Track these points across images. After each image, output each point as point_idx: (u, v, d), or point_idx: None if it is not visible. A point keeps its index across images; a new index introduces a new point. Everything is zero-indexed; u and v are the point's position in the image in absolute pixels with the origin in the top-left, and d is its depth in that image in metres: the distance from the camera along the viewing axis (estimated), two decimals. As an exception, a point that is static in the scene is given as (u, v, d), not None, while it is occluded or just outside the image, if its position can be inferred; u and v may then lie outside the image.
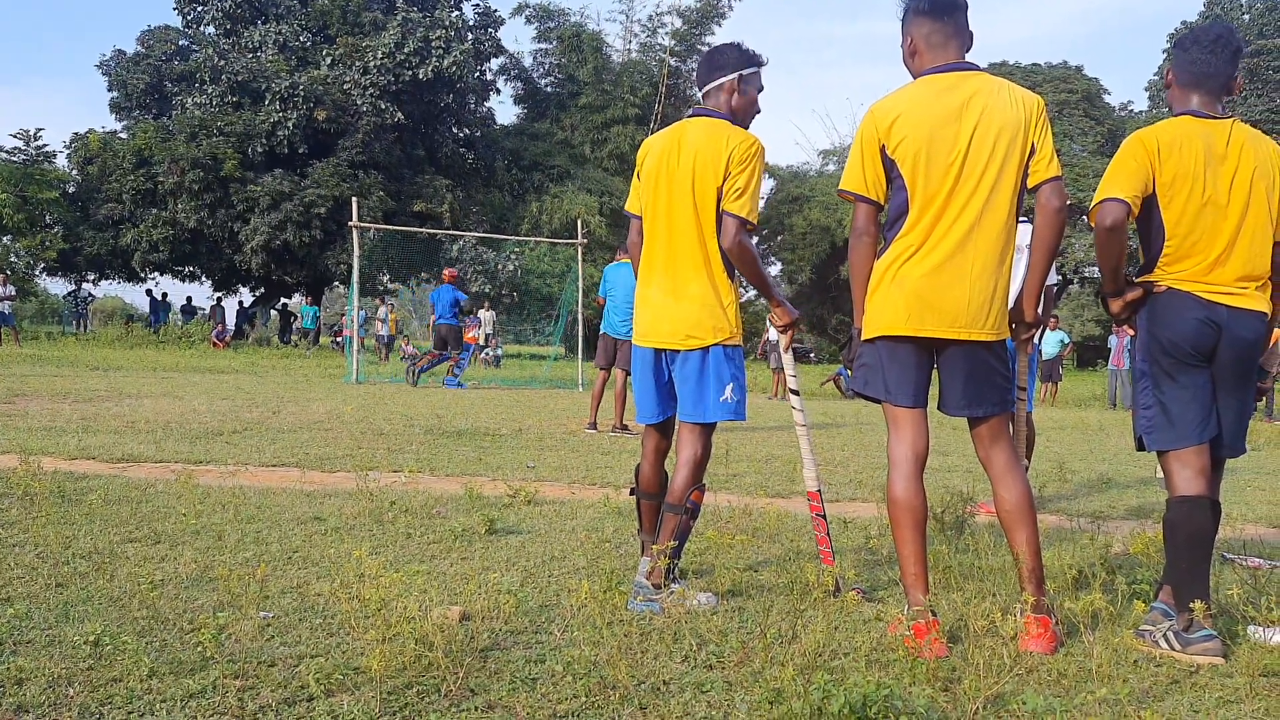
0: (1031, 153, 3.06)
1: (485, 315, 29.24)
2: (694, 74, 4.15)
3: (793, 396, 3.91)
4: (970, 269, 3.05)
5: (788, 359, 4.00)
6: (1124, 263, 3.22)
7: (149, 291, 34.60)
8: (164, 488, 5.26)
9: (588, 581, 3.03)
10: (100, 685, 2.45)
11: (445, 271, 17.02)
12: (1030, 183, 3.09)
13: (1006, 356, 3.21)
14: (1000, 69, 46.43)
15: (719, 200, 3.46)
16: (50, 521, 4.28)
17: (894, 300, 3.10)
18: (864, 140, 3.14)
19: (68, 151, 32.05)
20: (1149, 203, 3.16)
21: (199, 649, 2.67)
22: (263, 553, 3.97)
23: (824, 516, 3.77)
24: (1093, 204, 3.19)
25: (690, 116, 3.62)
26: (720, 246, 3.48)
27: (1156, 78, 42.68)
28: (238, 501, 4.90)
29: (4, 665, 2.56)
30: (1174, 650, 3.04)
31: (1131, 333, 3.35)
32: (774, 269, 42.44)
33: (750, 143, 3.47)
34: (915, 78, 3.19)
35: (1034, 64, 42.58)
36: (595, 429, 9.59)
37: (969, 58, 3.18)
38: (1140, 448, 3.30)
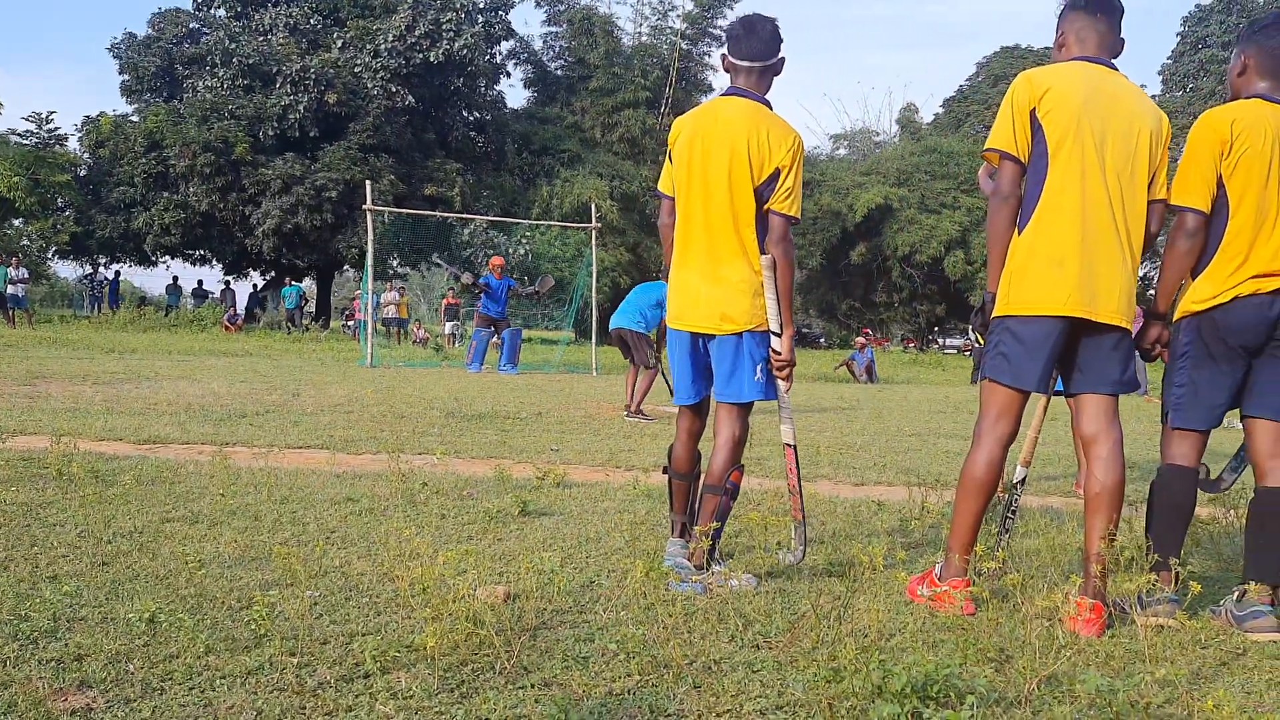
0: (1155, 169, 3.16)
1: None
2: (731, 42, 4.00)
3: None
4: (1119, 251, 3.09)
5: (786, 403, 3.66)
6: (1187, 277, 3.28)
7: (175, 278, 34.80)
8: (195, 468, 5.28)
9: (641, 561, 3.04)
10: (159, 662, 2.47)
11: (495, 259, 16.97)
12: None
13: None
14: (1013, 52, 46.18)
15: (760, 191, 3.45)
16: (88, 501, 4.30)
17: (1053, 278, 3.08)
18: (1016, 102, 3.15)
19: (79, 135, 32.00)
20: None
21: (251, 626, 2.68)
22: (301, 533, 3.98)
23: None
24: (1171, 199, 3.23)
25: (729, 95, 3.59)
26: (768, 244, 3.47)
27: (1170, 62, 42.42)
28: (270, 483, 4.91)
29: (62, 642, 2.57)
30: (1155, 619, 3.06)
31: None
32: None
33: (797, 142, 3.49)
34: None
35: (1046, 47, 42.29)
36: (641, 415, 9.46)
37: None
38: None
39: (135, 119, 32.25)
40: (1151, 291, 3.35)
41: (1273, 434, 3.23)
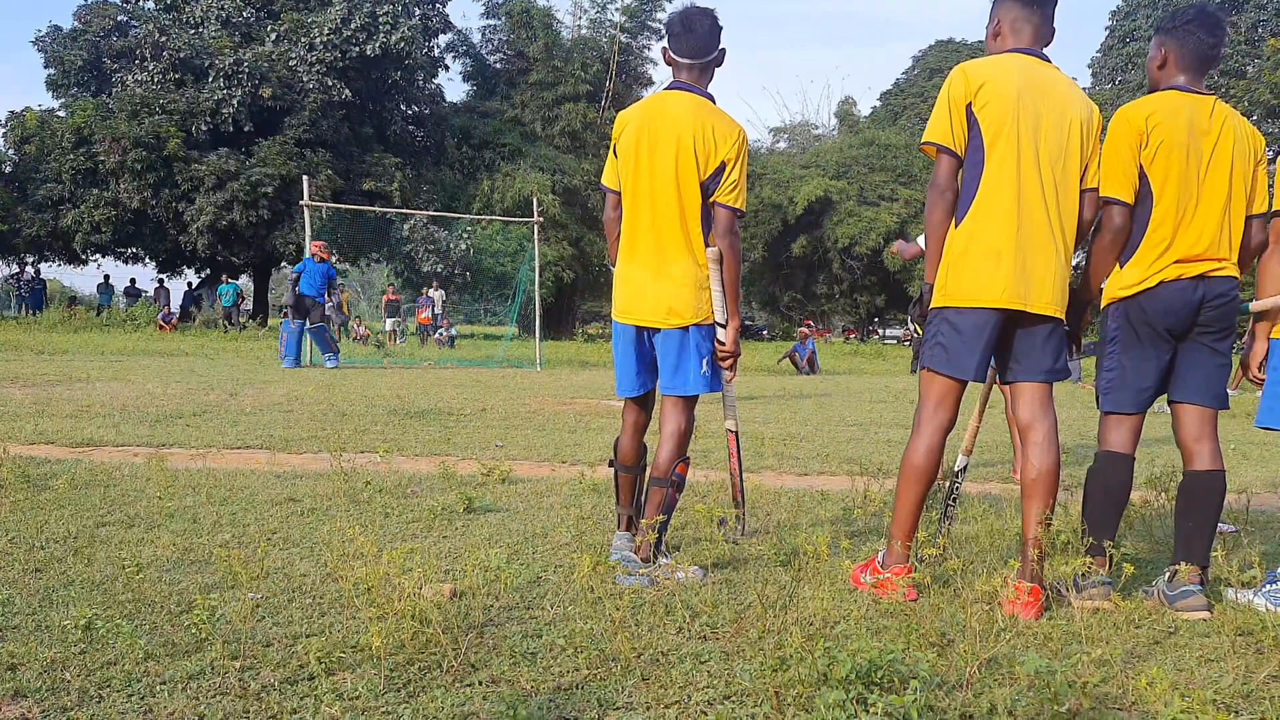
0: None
1: (435, 295, 28.96)
2: (671, 38, 3.98)
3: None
4: (1053, 243, 3.15)
5: (730, 391, 3.75)
6: (1114, 267, 3.34)
7: (106, 277, 33.85)
8: (130, 471, 5.17)
9: (588, 555, 3.04)
10: (96, 669, 2.42)
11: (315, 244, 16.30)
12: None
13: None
14: (948, 46, 46.85)
15: (706, 185, 3.46)
16: (19, 507, 4.20)
17: (989, 271, 3.13)
18: (952, 96, 3.19)
19: (3, 130, 30.97)
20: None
21: (192, 630, 2.63)
22: (241, 534, 3.92)
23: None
24: (1099, 194, 3.29)
25: (673, 89, 3.59)
26: (713, 237, 3.49)
27: (1099, 55, 43.31)
28: (209, 484, 4.83)
29: (-6, 651, 2.51)
30: (1091, 601, 3.16)
31: None
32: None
33: (742, 136, 3.51)
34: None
35: (980, 41, 42.98)
36: None
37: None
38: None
39: (62, 114, 31.33)
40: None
41: (1197, 418, 3.33)
